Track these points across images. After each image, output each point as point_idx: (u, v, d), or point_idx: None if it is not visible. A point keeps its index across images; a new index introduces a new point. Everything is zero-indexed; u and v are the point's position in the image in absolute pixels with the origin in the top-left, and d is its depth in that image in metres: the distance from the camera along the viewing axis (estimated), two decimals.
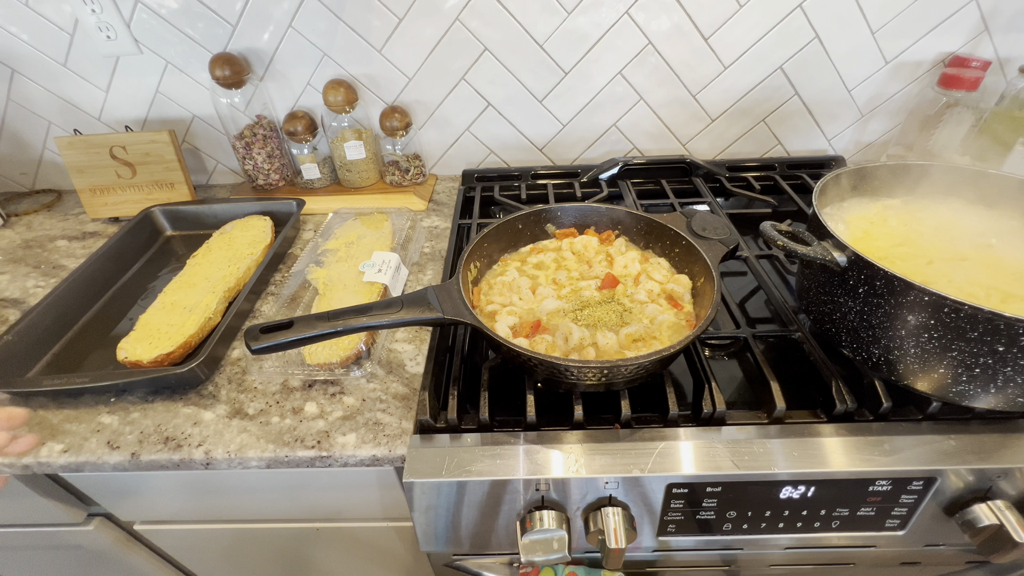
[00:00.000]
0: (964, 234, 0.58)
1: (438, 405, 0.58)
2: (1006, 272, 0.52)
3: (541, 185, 1.00)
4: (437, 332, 0.65)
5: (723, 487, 0.50)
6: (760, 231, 0.54)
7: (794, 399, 0.55)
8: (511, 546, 0.57)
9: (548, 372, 0.51)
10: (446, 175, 1.09)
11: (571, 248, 0.68)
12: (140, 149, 0.92)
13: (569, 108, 0.99)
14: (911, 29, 0.88)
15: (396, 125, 0.94)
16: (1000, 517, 0.49)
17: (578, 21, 0.89)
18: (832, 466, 0.49)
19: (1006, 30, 0.88)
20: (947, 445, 0.50)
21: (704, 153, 1.05)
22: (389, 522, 0.67)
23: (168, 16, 0.89)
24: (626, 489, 0.51)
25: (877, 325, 0.49)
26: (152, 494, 0.65)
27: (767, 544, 0.58)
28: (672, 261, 0.66)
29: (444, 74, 0.95)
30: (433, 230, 0.91)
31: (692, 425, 0.54)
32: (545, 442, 0.52)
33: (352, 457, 0.54)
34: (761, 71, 0.94)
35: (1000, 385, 0.45)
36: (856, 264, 0.49)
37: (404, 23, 0.90)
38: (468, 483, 0.50)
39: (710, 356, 0.63)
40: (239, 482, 0.63)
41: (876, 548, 0.58)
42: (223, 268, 0.76)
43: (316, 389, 0.61)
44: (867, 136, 1.02)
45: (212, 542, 0.74)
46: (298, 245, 0.88)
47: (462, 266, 0.59)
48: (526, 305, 0.60)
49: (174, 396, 0.61)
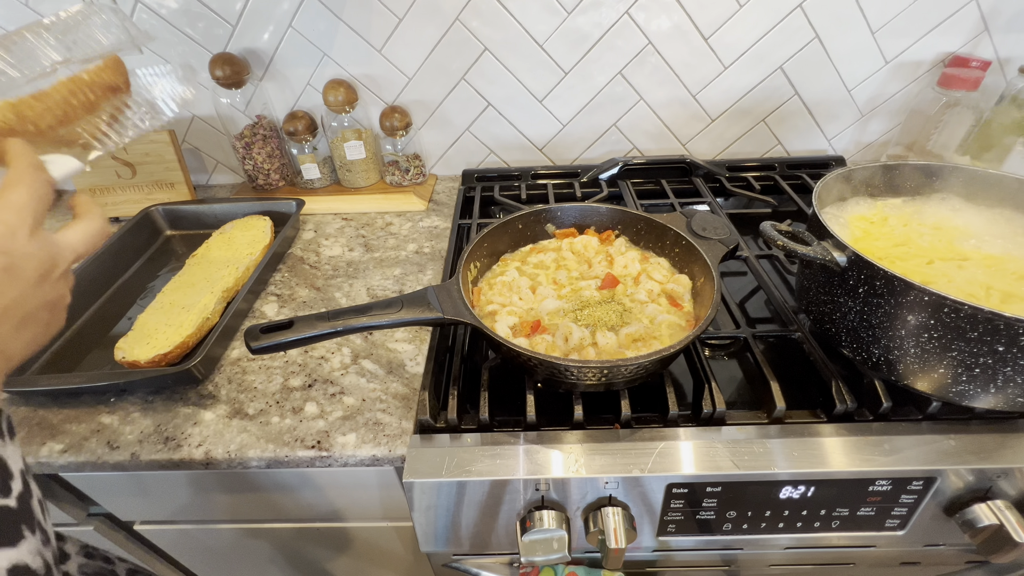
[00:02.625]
0: (964, 234, 0.58)
1: (438, 405, 0.58)
2: (1006, 272, 0.52)
3: (541, 185, 1.00)
4: (437, 332, 0.65)
5: (723, 487, 0.50)
6: (760, 231, 0.54)
7: (794, 399, 0.55)
8: (511, 546, 0.57)
9: (548, 372, 0.51)
10: (446, 175, 1.09)
11: (571, 248, 0.68)
12: (140, 149, 0.92)
13: (569, 108, 0.99)
14: (911, 29, 0.88)
15: (396, 125, 0.94)
16: (1000, 517, 0.49)
17: (578, 21, 0.89)
18: (832, 466, 0.49)
19: (1006, 30, 0.88)
20: (947, 445, 0.51)
21: (704, 153, 1.05)
22: (389, 522, 0.67)
23: (168, 16, 0.89)
24: (626, 489, 0.51)
25: (877, 325, 0.49)
26: (152, 494, 0.65)
27: (767, 544, 0.58)
28: (672, 261, 0.66)
29: (444, 74, 0.95)
30: (433, 230, 0.91)
31: (692, 425, 0.54)
32: (545, 442, 0.52)
33: (352, 457, 0.54)
34: (761, 71, 0.94)
35: (1000, 385, 0.45)
36: (856, 264, 0.49)
37: (404, 23, 0.90)
38: (468, 483, 0.50)
39: (710, 356, 0.63)
40: (239, 482, 0.63)
41: (876, 548, 0.58)
42: (222, 268, 0.76)
43: (316, 389, 0.61)
44: (867, 136, 1.02)
45: (212, 542, 0.74)
46: (298, 245, 0.88)
47: (462, 266, 0.59)
48: (526, 305, 0.60)
49: (174, 396, 0.61)
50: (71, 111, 0.40)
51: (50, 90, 0.39)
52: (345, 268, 0.82)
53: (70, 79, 0.40)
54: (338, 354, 0.65)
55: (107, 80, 0.42)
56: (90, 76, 0.41)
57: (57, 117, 0.40)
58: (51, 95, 0.39)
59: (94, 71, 0.41)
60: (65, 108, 0.40)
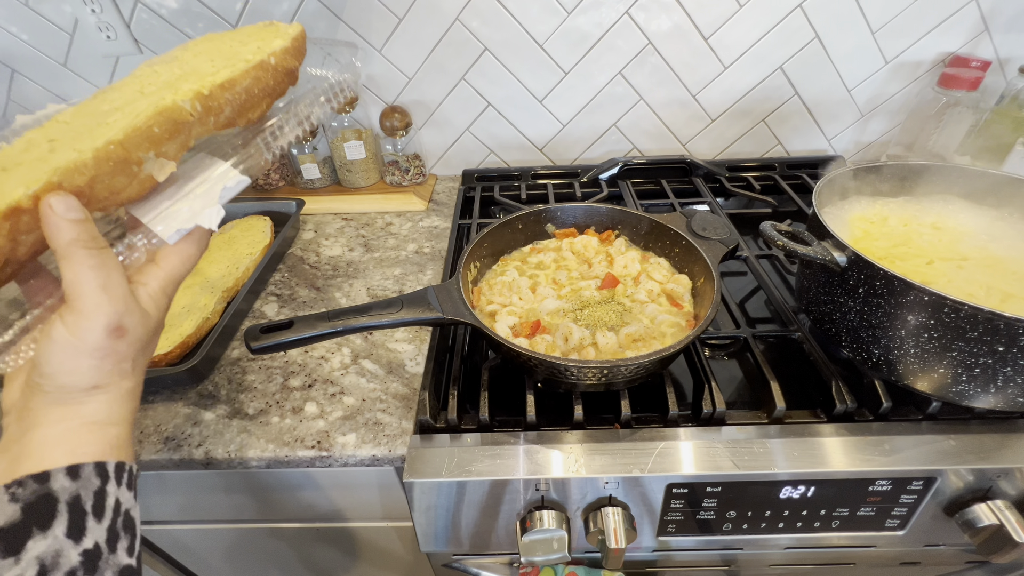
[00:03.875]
0: (964, 234, 0.58)
1: (438, 405, 0.58)
2: (1006, 272, 0.52)
3: (541, 185, 1.00)
4: (437, 332, 0.65)
5: (723, 487, 0.50)
6: (760, 231, 0.54)
7: (794, 399, 0.55)
8: (511, 546, 0.57)
9: (548, 372, 0.51)
10: (446, 175, 1.09)
11: (571, 248, 0.68)
12: None
13: (569, 108, 0.99)
14: (911, 29, 0.88)
15: (396, 125, 0.94)
16: (1000, 517, 0.49)
17: (578, 21, 0.89)
18: (832, 466, 0.49)
19: (1006, 30, 0.88)
20: (947, 445, 0.50)
21: (704, 153, 1.05)
22: (389, 522, 0.67)
23: (168, 16, 0.89)
24: (626, 489, 0.51)
25: (877, 325, 0.49)
26: (152, 494, 0.65)
27: (767, 544, 0.58)
28: (672, 261, 0.66)
29: (444, 74, 0.95)
30: (433, 230, 0.91)
31: (692, 425, 0.54)
32: (545, 442, 0.52)
33: (352, 457, 0.54)
34: (761, 71, 0.94)
35: (1000, 385, 0.45)
36: (856, 264, 0.49)
37: (404, 23, 0.90)
38: (468, 483, 0.50)
39: (710, 356, 0.63)
40: (239, 482, 0.62)
41: (876, 548, 0.58)
42: (222, 268, 0.76)
43: (316, 389, 0.61)
44: (867, 136, 1.02)
45: (212, 542, 0.74)
46: (298, 245, 0.88)
47: (462, 266, 0.59)
48: (526, 305, 0.60)
49: (174, 396, 0.61)
50: (250, 100, 0.35)
51: (238, 76, 0.34)
52: (345, 268, 0.82)
53: (258, 64, 0.35)
54: (338, 354, 0.65)
55: (289, 65, 0.37)
56: (277, 60, 0.36)
57: (235, 109, 0.34)
58: (238, 82, 0.34)
59: (280, 53, 0.36)
60: (247, 97, 0.34)
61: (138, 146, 0.30)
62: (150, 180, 0.32)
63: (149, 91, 0.33)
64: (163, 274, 0.34)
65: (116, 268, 0.31)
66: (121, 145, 0.30)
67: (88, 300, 0.30)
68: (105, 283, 0.30)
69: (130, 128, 0.30)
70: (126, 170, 0.30)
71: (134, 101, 0.32)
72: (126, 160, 0.30)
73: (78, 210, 0.29)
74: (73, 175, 0.29)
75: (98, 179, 0.29)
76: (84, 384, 0.31)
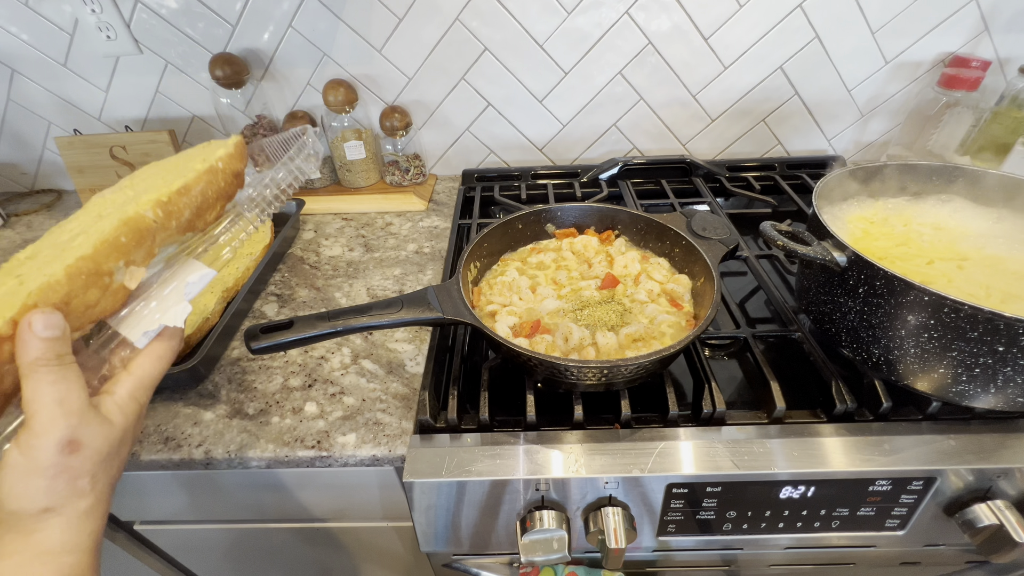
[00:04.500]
0: (964, 234, 0.58)
1: (438, 405, 0.58)
2: (1006, 272, 0.52)
3: (541, 185, 1.00)
4: (437, 332, 0.65)
5: (723, 487, 0.50)
6: (760, 231, 0.54)
7: (794, 399, 0.55)
8: (511, 546, 0.57)
9: (548, 372, 0.51)
10: (446, 175, 1.09)
11: (571, 248, 0.68)
12: (140, 149, 0.92)
13: (569, 108, 0.99)
14: (911, 29, 0.88)
15: (396, 125, 0.94)
16: (1000, 517, 0.49)
17: (578, 21, 0.89)
18: (832, 466, 0.49)
19: (1006, 30, 0.88)
20: (947, 445, 0.50)
21: (704, 153, 1.05)
22: (389, 522, 0.67)
23: (168, 16, 0.89)
24: (626, 489, 0.51)
25: (877, 325, 0.49)
26: (152, 494, 0.65)
27: (767, 544, 0.58)
28: (672, 261, 0.66)
29: (444, 74, 0.95)
30: (433, 230, 0.91)
31: (692, 425, 0.54)
32: (545, 442, 0.52)
33: (352, 457, 0.54)
34: (761, 71, 0.94)
35: (1000, 385, 0.45)
36: (856, 264, 0.49)
37: (404, 23, 0.90)
38: (468, 483, 0.50)
39: (710, 356, 0.63)
40: (239, 482, 0.63)
41: (876, 548, 0.58)
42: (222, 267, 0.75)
43: (316, 389, 0.61)
44: (867, 136, 1.02)
45: (212, 542, 0.74)
46: (298, 245, 0.88)
47: (462, 266, 0.59)
48: (526, 305, 0.60)
49: (174, 396, 0.61)
50: (205, 203, 0.38)
51: (191, 181, 0.37)
52: (345, 268, 0.82)
53: (208, 169, 0.38)
54: (338, 354, 0.65)
55: (236, 167, 0.40)
56: (224, 164, 0.39)
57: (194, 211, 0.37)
58: (193, 187, 0.37)
59: (225, 158, 0.39)
60: (202, 199, 0.37)
61: (107, 257, 0.32)
62: (123, 291, 0.33)
63: (107, 213, 0.35)
64: (132, 380, 0.34)
65: (76, 381, 0.30)
66: (91, 259, 0.31)
67: (42, 416, 0.29)
68: (62, 397, 0.29)
69: (98, 241, 0.31)
70: (98, 282, 0.31)
71: (94, 224, 0.34)
72: (97, 272, 0.31)
73: (56, 327, 0.29)
74: (48, 294, 0.29)
75: (73, 294, 0.30)
76: (34, 508, 0.29)
